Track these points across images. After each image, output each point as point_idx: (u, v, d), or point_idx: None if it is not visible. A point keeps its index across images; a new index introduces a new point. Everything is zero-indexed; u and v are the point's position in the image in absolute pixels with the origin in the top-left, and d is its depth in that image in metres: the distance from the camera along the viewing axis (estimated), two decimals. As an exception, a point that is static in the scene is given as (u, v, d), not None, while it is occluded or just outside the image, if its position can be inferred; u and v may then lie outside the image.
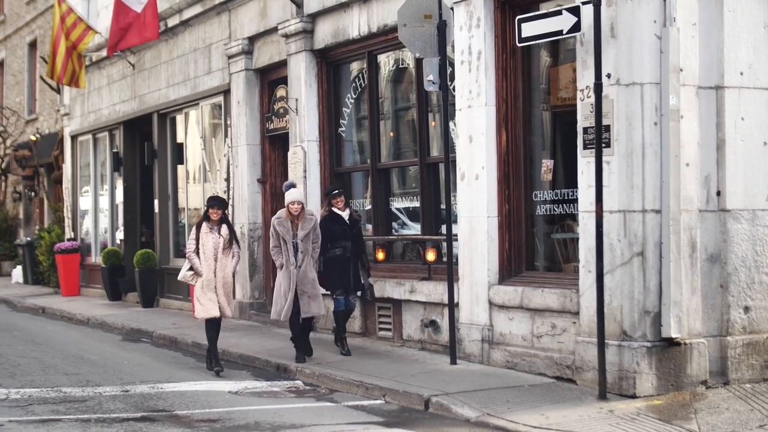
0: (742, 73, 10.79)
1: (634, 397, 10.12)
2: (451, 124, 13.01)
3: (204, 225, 13.10)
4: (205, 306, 12.96)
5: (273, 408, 10.71)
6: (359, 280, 13.47)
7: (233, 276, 13.58)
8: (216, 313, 12.96)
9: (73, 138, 26.42)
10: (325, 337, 14.68)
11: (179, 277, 13.36)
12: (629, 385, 10.22)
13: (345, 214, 13.44)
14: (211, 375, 12.87)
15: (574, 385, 10.78)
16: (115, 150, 23.99)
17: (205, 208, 13.40)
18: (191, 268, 13.09)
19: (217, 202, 13.28)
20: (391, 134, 15.42)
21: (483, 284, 12.31)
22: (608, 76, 10.36)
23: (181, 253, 20.51)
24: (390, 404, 10.80)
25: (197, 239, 13.05)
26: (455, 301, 12.44)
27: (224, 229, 13.09)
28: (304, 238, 13.01)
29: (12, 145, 32.71)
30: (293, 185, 13.51)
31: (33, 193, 32.98)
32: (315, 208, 16.15)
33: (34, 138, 31.24)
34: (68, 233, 26.29)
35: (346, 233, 13.36)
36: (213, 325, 13.10)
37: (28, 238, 30.09)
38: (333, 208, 13.46)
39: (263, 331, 16.41)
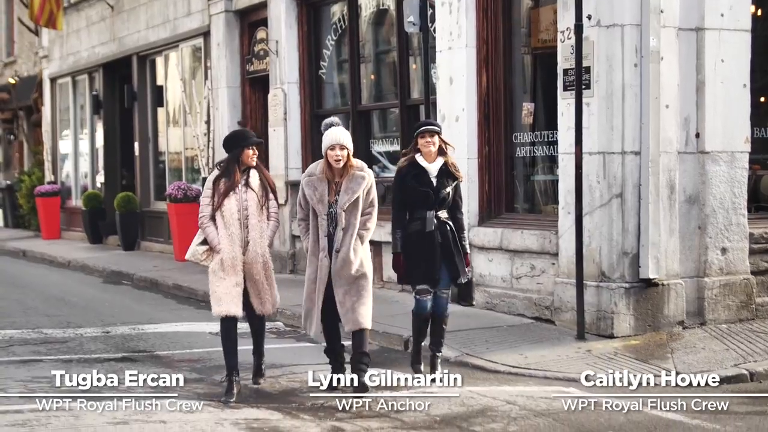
0: (722, 15, 10.77)
1: (611, 337, 10.22)
2: (431, 66, 12.97)
3: (225, 178, 8.88)
4: (221, 296, 8.72)
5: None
6: (454, 270, 9.05)
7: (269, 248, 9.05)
8: (235, 311, 8.75)
9: (52, 81, 26.22)
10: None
11: (187, 256, 9.08)
12: (607, 325, 10.31)
13: (434, 166, 8.99)
14: (193, 315, 12.90)
15: (552, 325, 10.87)
16: (94, 93, 23.82)
17: (237, 149, 8.89)
18: (205, 241, 8.92)
19: (256, 139, 9.09)
20: (372, 77, 15.37)
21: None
22: (589, 17, 10.34)
23: (161, 196, 20.49)
24: (370, 344, 10.83)
25: (214, 197, 8.85)
26: (435, 243, 12.47)
27: (253, 178, 8.87)
28: (349, 206, 8.56)
29: (-10, 87, 32.46)
30: (334, 123, 8.79)
31: (12, 137, 32.77)
32: (295, 152, 16.15)
33: (12, 81, 30.98)
34: (48, 177, 26.18)
35: (428, 198, 8.94)
36: (230, 328, 8.77)
37: (8, 182, 29.95)
38: (418, 155, 9.08)
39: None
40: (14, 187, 28.55)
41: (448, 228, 9.02)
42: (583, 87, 10.35)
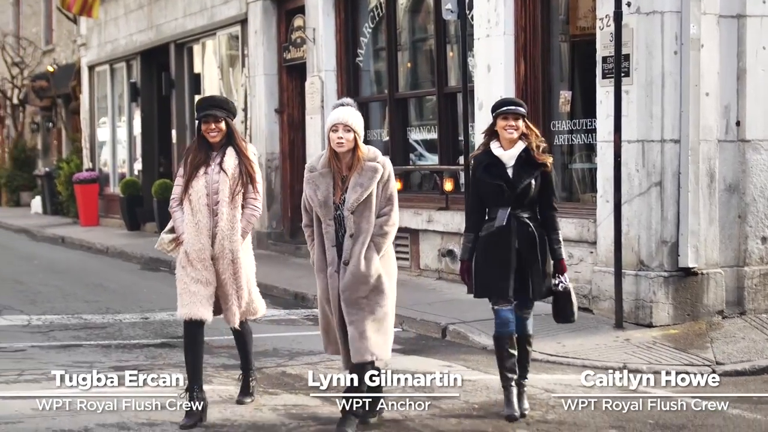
0: (764, 2, 10.68)
1: (650, 326, 10.17)
2: (469, 54, 12.94)
3: (194, 152, 7.53)
4: (183, 295, 7.41)
5: (291, 335, 10.82)
6: (540, 280, 7.40)
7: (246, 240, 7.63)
8: (202, 314, 7.37)
9: (90, 69, 26.37)
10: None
11: (156, 246, 7.80)
12: (645, 314, 10.26)
13: (509, 153, 7.32)
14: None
15: (590, 314, 10.83)
16: (132, 80, 23.94)
17: (197, 121, 7.56)
18: (173, 230, 7.62)
19: (216, 107, 7.50)
20: (409, 65, 15.35)
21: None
22: (628, 4, 10.28)
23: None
24: (407, 332, 10.88)
25: (186, 177, 7.48)
26: (472, 230, 12.46)
27: (229, 158, 7.43)
28: (359, 207, 7.01)
29: (29, 75, 32.68)
30: (344, 103, 7.20)
31: (51, 124, 33.01)
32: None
33: (51, 69, 31.18)
34: (86, 164, 26.36)
35: (501, 192, 7.28)
36: (195, 335, 7.44)
37: (47, 169, 30.19)
38: (493, 143, 7.42)
39: (281, 260, 16.50)
40: (53, 174, 28.76)
41: (530, 229, 7.28)
42: (622, 75, 10.29)
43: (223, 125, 7.45)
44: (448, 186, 13.77)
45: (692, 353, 9.22)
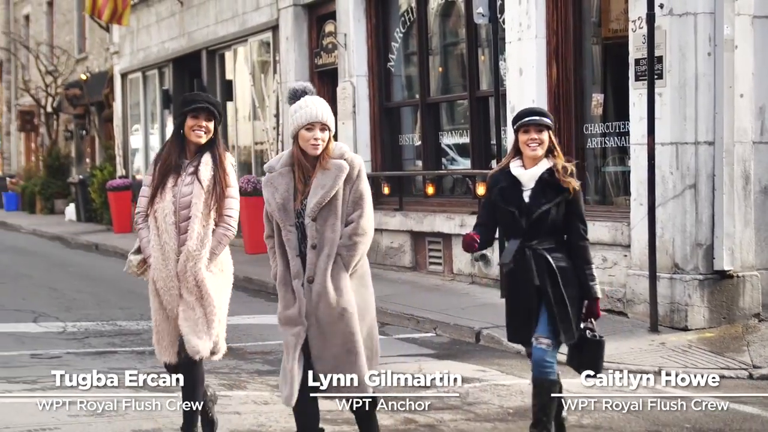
0: (799, 2, 10.61)
1: (685, 329, 10.10)
2: (500, 57, 12.91)
3: (164, 157, 6.46)
4: (158, 335, 6.62)
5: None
6: (569, 322, 6.29)
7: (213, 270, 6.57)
8: (169, 357, 6.57)
9: (123, 76, 26.54)
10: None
11: (124, 268, 6.82)
12: (681, 317, 10.20)
13: (529, 174, 6.26)
14: (264, 308, 12.98)
15: (625, 318, 10.78)
16: (164, 87, 24.07)
17: (179, 117, 6.44)
18: (140, 249, 6.61)
19: (210, 103, 6.46)
20: (440, 69, 15.34)
21: (533, 218, 12.27)
22: (661, 6, 10.22)
23: (231, 190, 20.60)
24: (441, 337, 10.87)
25: (153, 188, 6.44)
26: (505, 235, 12.43)
27: (205, 167, 6.36)
28: (322, 212, 5.88)
29: (63, 84, 32.93)
30: (304, 90, 6.07)
31: (84, 132, 33.24)
32: (365, 145, 16.13)
33: (84, 77, 31.41)
34: (120, 171, 26.50)
35: (513, 220, 6.27)
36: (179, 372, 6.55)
37: (81, 176, 30.37)
38: (515, 161, 6.34)
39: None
40: (86, 181, 28.93)
41: (549, 263, 6.19)
42: (656, 77, 10.24)
43: (212, 125, 6.43)
44: (481, 190, 13.73)
45: (728, 356, 9.15)
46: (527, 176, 6.23)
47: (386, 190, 15.45)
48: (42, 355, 10.19)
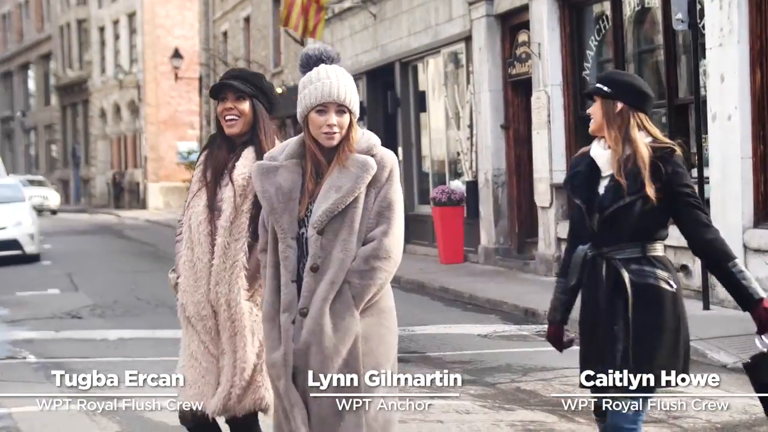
0: None
1: None
2: (700, 64, 12.66)
3: (206, 154, 5.03)
4: (180, 372, 5.10)
5: (523, 351, 10.82)
6: (638, 346, 4.74)
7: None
8: (197, 400, 5.00)
9: (318, 89, 27.09)
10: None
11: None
12: None
13: (606, 155, 4.64)
14: (460, 317, 13.05)
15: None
16: (359, 100, 24.47)
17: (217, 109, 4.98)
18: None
19: (239, 78, 4.99)
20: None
21: (736, 228, 11.99)
22: None
23: (425, 200, 20.85)
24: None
25: (191, 192, 5.04)
26: (707, 245, 12.17)
27: (243, 162, 4.87)
28: (333, 222, 4.29)
29: (259, 97, 33.87)
30: (320, 56, 4.60)
31: (279, 144, 34.11)
32: (560, 154, 16.07)
33: (280, 90, 32.23)
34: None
35: (582, 218, 4.72)
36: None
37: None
38: (600, 140, 4.70)
39: (508, 276, 16.52)
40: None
41: (621, 277, 4.64)
42: None
43: (246, 107, 4.94)
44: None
45: None
46: (603, 158, 4.67)
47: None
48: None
